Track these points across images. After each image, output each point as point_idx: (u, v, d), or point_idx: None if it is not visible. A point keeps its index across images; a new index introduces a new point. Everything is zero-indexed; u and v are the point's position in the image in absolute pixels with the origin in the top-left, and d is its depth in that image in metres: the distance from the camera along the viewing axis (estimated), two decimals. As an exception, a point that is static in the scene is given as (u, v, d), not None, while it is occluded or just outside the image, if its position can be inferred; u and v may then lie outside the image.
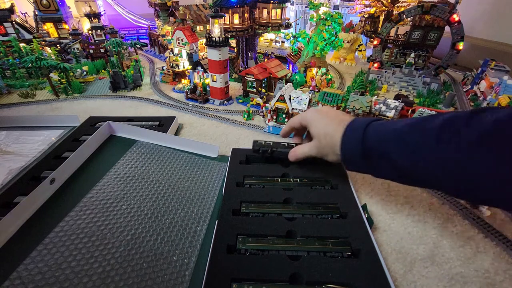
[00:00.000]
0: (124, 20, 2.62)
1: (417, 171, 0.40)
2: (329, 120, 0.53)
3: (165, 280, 0.44)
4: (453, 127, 0.35)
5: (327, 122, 0.53)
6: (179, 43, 1.30)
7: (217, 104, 1.14)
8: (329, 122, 0.52)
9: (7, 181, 0.68)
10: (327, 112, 0.55)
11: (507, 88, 1.04)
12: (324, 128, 0.53)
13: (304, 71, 1.33)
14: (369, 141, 0.46)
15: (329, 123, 0.52)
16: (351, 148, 0.49)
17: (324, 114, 0.55)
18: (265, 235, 0.51)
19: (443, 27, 1.31)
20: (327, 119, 0.53)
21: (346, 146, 0.49)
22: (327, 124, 0.52)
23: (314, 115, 0.56)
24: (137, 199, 0.60)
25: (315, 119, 0.55)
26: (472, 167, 0.33)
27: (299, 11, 2.11)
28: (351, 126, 0.49)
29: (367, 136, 0.46)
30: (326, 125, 0.52)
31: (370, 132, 0.46)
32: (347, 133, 0.49)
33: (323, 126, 0.53)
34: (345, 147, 0.49)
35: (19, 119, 0.96)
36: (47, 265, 0.46)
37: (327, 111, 0.56)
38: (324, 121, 0.53)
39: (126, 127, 0.85)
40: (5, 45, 1.43)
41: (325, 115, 0.55)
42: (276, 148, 0.62)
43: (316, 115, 0.56)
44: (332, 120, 0.52)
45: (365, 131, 0.46)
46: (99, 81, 1.41)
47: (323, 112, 0.56)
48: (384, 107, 0.78)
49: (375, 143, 0.45)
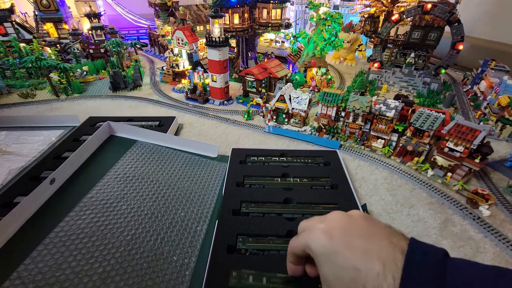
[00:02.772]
0: (124, 20, 2.62)
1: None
2: (356, 251, 0.25)
3: (165, 280, 0.44)
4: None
5: (353, 255, 0.25)
6: (179, 43, 1.30)
7: (217, 104, 1.14)
8: (359, 256, 0.25)
9: (7, 181, 0.68)
10: (349, 235, 0.26)
11: (507, 88, 1.04)
12: (349, 272, 0.25)
13: (304, 71, 1.33)
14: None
15: (359, 258, 0.25)
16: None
17: (343, 241, 0.26)
18: (265, 235, 0.51)
19: (443, 27, 1.31)
20: (352, 249, 0.26)
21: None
22: (353, 261, 0.25)
23: (326, 244, 0.26)
24: (137, 199, 0.60)
25: (330, 251, 0.26)
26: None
27: (299, 11, 2.11)
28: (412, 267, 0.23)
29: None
30: (353, 263, 0.25)
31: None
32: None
33: (347, 265, 0.25)
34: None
35: (19, 119, 0.96)
36: (47, 265, 0.46)
37: (349, 233, 0.26)
38: (346, 254, 0.25)
39: (126, 127, 0.85)
40: (5, 45, 1.43)
41: (345, 243, 0.26)
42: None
43: (330, 244, 0.26)
44: (364, 254, 0.25)
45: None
46: (99, 81, 1.41)
47: (342, 237, 0.26)
48: (384, 107, 0.78)
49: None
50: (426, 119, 0.72)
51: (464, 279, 0.23)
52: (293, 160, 0.72)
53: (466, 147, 0.65)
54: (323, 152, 0.77)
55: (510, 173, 0.73)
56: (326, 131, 0.89)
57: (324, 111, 0.88)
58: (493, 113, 0.99)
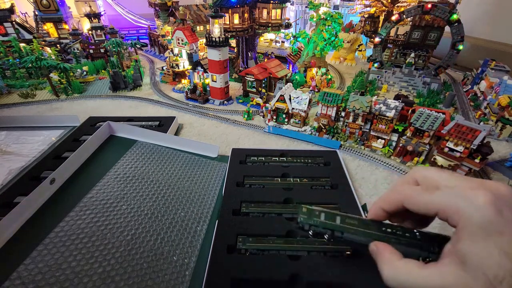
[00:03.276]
0: (124, 20, 2.62)
1: None
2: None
3: (165, 280, 0.44)
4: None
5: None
6: (179, 43, 1.30)
7: (217, 104, 1.14)
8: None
9: (7, 181, 0.68)
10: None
11: (507, 88, 1.04)
12: (509, 266, 0.19)
13: (304, 71, 1.33)
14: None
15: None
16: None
17: (508, 221, 0.20)
18: (265, 235, 0.51)
19: (443, 27, 1.31)
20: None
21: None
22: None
23: (492, 218, 0.20)
24: (137, 199, 0.60)
25: (493, 228, 0.20)
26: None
27: (299, 11, 2.11)
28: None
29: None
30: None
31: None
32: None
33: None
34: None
35: (19, 119, 0.96)
36: (47, 265, 0.46)
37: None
38: (508, 241, 0.19)
39: (126, 127, 0.85)
40: (5, 45, 1.43)
41: (510, 222, 0.20)
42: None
43: (497, 221, 0.20)
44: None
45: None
46: (99, 81, 1.41)
47: (504, 215, 0.20)
48: (384, 107, 0.78)
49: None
50: (426, 119, 0.72)
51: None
52: (293, 160, 0.72)
53: (466, 147, 0.65)
54: (323, 152, 0.77)
55: (510, 173, 0.73)
56: (326, 131, 0.89)
57: (324, 111, 0.88)
58: (493, 113, 0.99)
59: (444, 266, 0.23)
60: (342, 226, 0.30)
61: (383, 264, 0.27)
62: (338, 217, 0.31)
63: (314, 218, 0.31)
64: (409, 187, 0.26)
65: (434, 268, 0.23)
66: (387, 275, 0.26)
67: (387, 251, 0.27)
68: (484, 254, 0.20)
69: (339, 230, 0.30)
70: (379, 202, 0.29)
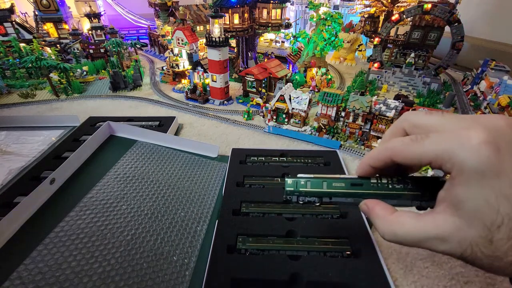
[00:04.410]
0: (124, 20, 2.62)
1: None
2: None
3: (165, 280, 0.44)
4: None
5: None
6: (179, 43, 1.30)
7: (217, 104, 1.14)
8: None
9: (7, 181, 0.68)
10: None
11: (507, 88, 1.04)
12: (507, 210, 0.18)
13: (304, 71, 1.33)
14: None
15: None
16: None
17: (506, 160, 0.19)
18: (265, 235, 0.51)
19: (443, 27, 1.31)
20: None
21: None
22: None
23: (489, 159, 0.18)
24: (137, 199, 0.60)
25: (491, 170, 0.18)
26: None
27: (299, 11, 2.11)
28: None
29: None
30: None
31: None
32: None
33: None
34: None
35: (19, 119, 0.96)
36: (47, 265, 0.46)
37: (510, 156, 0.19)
38: (507, 183, 0.18)
39: (126, 127, 0.85)
40: (5, 45, 1.43)
41: (509, 162, 0.19)
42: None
43: (495, 161, 0.18)
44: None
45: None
46: (99, 81, 1.41)
47: (502, 154, 0.19)
48: (384, 107, 0.78)
49: None
50: (426, 119, 0.72)
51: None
52: (293, 160, 0.72)
53: (466, 147, 0.65)
54: (323, 152, 0.77)
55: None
56: (326, 131, 0.89)
57: (324, 111, 0.88)
58: (493, 113, 0.99)
59: (438, 215, 0.22)
60: (330, 191, 0.30)
61: (377, 220, 0.26)
62: (325, 182, 0.30)
63: (301, 188, 0.31)
64: (397, 141, 0.24)
65: (428, 218, 0.22)
66: (383, 231, 0.25)
67: (378, 207, 0.26)
68: (480, 200, 0.19)
69: (327, 195, 0.30)
70: (367, 159, 0.27)
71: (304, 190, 0.31)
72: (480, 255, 0.20)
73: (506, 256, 0.19)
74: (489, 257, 0.19)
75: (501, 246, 0.18)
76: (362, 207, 0.28)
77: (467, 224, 0.19)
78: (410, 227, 0.23)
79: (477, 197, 0.19)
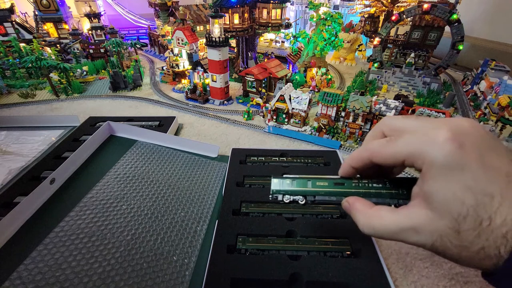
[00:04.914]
0: (124, 20, 2.62)
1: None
2: (493, 173, 0.20)
3: (165, 280, 0.44)
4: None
5: (488, 177, 0.20)
6: (179, 43, 1.30)
7: (217, 104, 1.14)
8: (497, 179, 0.20)
9: (7, 181, 0.68)
10: (484, 149, 0.21)
11: (507, 88, 1.04)
12: (475, 196, 0.20)
13: (304, 71, 1.34)
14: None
15: (497, 182, 0.20)
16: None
17: (477, 156, 0.20)
18: (265, 235, 0.51)
19: (443, 27, 1.31)
20: (488, 169, 0.20)
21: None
22: (487, 184, 0.20)
23: (454, 154, 0.20)
24: (137, 199, 0.60)
25: (456, 164, 0.20)
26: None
27: (299, 11, 2.11)
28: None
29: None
30: (485, 187, 0.20)
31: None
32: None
33: (477, 187, 0.20)
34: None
35: (19, 119, 0.96)
36: (47, 265, 0.46)
37: (484, 147, 0.21)
38: (479, 174, 0.20)
39: (126, 127, 0.85)
40: (5, 45, 1.43)
41: (479, 159, 0.20)
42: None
43: (459, 156, 0.20)
44: (507, 178, 0.20)
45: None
46: (99, 81, 1.41)
47: (476, 151, 0.21)
48: (384, 107, 0.78)
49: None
50: (426, 119, 0.72)
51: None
52: (293, 160, 0.72)
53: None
54: (323, 152, 0.77)
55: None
56: (326, 131, 0.89)
57: (324, 111, 0.88)
58: (493, 113, 0.99)
59: (412, 208, 0.24)
60: (314, 190, 0.32)
61: (357, 214, 0.28)
62: (309, 182, 0.33)
63: (286, 187, 0.33)
64: (375, 142, 0.26)
65: (403, 211, 0.24)
66: (362, 224, 0.27)
67: (359, 202, 0.28)
68: (447, 193, 0.20)
69: (311, 194, 0.32)
70: (348, 160, 0.30)
71: (289, 189, 0.33)
72: (449, 245, 0.21)
73: (472, 246, 0.20)
74: (457, 247, 0.21)
75: (467, 236, 0.20)
76: (344, 204, 0.30)
77: (438, 216, 0.21)
78: (387, 219, 0.25)
79: (445, 190, 0.20)
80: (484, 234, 0.19)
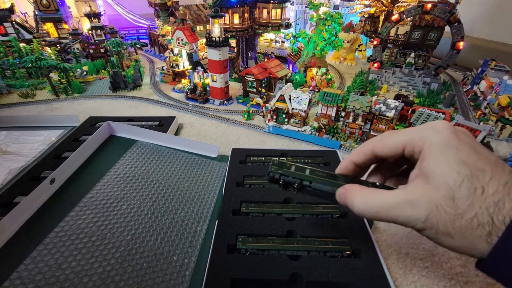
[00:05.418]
0: (124, 20, 2.62)
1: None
2: (483, 158, 0.24)
3: (165, 280, 0.44)
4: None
5: (479, 158, 0.23)
6: (179, 43, 1.30)
7: (217, 104, 1.14)
8: (487, 162, 0.23)
9: (7, 181, 0.68)
10: (474, 143, 0.25)
11: (507, 88, 1.04)
12: (469, 169, 0.23)
13: (304, 71, 1.33)
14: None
15: (487, 163, 0.23)
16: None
17: (469, 143, 0.25)
18: (265, 235, 0.51)
19: (443, 27, 1.31)
20: (478, 155, 0.24)
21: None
22: (479, 162, 0.23)
23: (451, 137, 0.25)
24: (137, 199, 0.60)
25: (452, 145, 0.24)
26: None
27: (299, 11, 2.11)
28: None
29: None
30: (477, 163, 0.23)
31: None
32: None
33: (471, 163, 0.23)
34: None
35: (19, 119, 0.96)
36: (47, 265, 0.46)
37: (474, 141, 0.26)
38: (471, 154, 0.24)
39: (126, 127, 0.85)
40: (5, 45, 1.43)
41: (471, 146, 0.25)
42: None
43: (455, 140, 0.25)
44: (495, 163, 0.23)
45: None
46: (99, 81, 1.41)
47: (468, 139, 0.25)
48: (384, 107, 0.78)
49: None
50: (426, 119, 0.72)
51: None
52: (293, 160, 0.72)
53: (466, 147, 0.65)
54: (323, 152, 0.77)
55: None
56: (326, 131, 0.89)
57: (324, 111, 0.88)
58: (493, 113, 0.99)
59: (410, 184, 0.27)
60: (311, 176, 0.33)
61: (354, 196, 0.29)
62: (308, 169, 0.34)
63: (285, 168, 0.34)
64: (378, 136, 0.31)
65: (400, 189, 0.27)
66: (359, 203, 0.28)
67: (356, 186, 0.30)
68: (444, 165, 0.24)
69: (307, 180, 0.33)
70: (350, 156, 0.32)
71: (288, 171, 0.34)
72: (444, 216, 0.23)
73: (466, 213, 0.22)
74: (451, 216, 0.23)
75: (461, 203, 0.22)
76: (340, 191, 0.30)
77: (434, 187, 0.24)
78: (384, 195, 0.27)
79: (442, 163, 0.24)
80: (478, 202, 0.22)
